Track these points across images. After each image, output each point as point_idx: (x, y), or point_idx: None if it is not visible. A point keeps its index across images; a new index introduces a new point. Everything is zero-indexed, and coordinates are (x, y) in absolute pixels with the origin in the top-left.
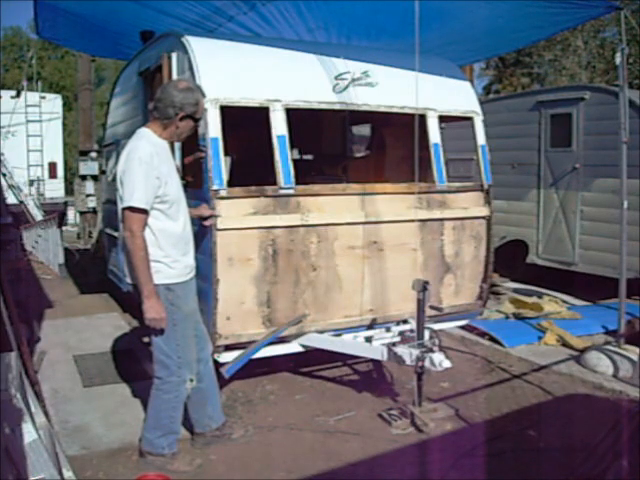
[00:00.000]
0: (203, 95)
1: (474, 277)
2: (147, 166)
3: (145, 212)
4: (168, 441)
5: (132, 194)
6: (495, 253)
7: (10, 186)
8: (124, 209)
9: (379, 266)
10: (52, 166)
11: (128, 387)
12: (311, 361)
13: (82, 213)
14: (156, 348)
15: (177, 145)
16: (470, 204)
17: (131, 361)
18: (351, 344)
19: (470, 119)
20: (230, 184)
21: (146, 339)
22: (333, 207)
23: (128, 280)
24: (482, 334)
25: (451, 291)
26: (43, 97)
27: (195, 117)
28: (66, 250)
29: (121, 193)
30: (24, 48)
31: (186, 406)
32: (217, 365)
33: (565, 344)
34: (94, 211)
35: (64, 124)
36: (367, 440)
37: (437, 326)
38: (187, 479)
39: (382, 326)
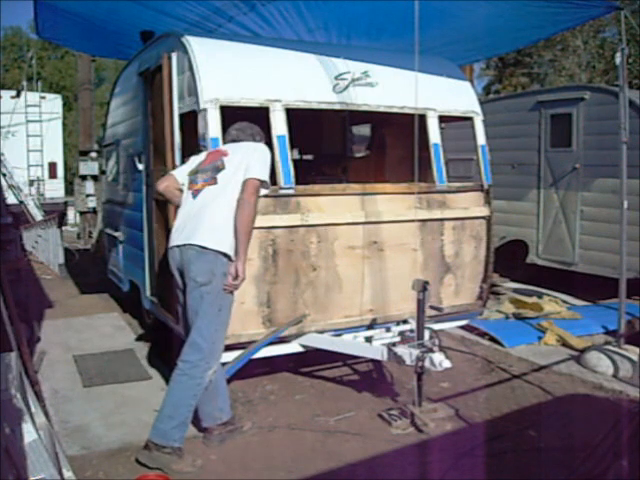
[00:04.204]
0: None
1: (474, 277)
2: (268, 157)
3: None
4: (180, 434)
5: (260, 170)
6: (495, 253)
7: (10, 186)
8: (251, 179)
9: (379, 266)
10: (52, 166)
11: (128, 387)
12: (311, 361)
13: (82, 213)
14: (195, 330)
15: (177, 145)
16: (470, 204)
17: (131, 361)
18: (351, 344)
19: (470, 119)
20: None
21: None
22: (333, 207)
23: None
24: (482, 334)
25: (451, 291)
26: (43, 97)
27: None
28: (66, 250)
29: (246, 165)
30: (24, 48)
31: None
32: None
33: (565, 344)
34: (94, 211)
35: (64, 124)
36: (367, 440)
37: (437, 326)
38: (187, 479)
39: (382, 326)
